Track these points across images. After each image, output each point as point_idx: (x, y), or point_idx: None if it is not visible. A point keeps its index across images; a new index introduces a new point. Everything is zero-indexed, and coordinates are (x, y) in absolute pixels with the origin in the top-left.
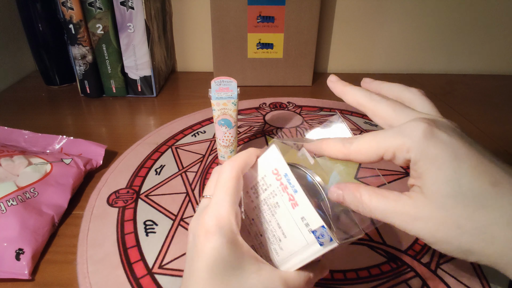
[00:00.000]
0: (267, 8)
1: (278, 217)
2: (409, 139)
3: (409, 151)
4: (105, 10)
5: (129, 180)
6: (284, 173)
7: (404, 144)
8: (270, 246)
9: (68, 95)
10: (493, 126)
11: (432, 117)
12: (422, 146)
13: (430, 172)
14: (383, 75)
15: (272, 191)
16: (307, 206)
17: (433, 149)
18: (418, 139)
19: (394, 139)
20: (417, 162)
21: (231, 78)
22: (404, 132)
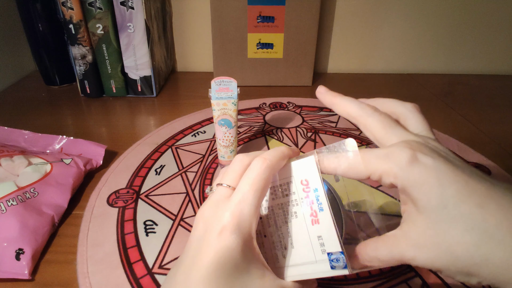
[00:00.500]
0: (267, 8)
1: (291, 227)
2: (395, 166)
3: (396, 177)
4: (105, 10)
5: (129, 180)
6: (315, 187)
7: (390, 170)
8: (272, 250)
9: (68, 95)
10: (493, 126)
11: (420, 139)
12: (407, 173)
13: (416, 199)
14: (383, 75)
15: (294, 200)
16: (330, 229)
17: (418, 176)
18: (403, 166)
19: (381, 163)
20: (404, 189)
21: (231, 78)
22: (391, 157)
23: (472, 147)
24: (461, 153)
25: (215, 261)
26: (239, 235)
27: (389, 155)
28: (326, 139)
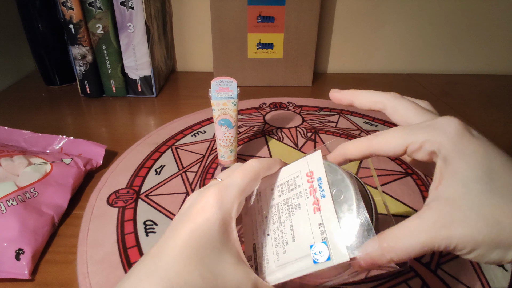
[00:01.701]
0: (267, 8)
1: (294, 219)
2: (442, 134)
3: (441, 145)
4: (105, 10)
5: (129, 180)
6: (318, 176)
7: (435, 138)
8: (273, 247)
9: (68, 95)
10: (493, 126)
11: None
12: (457, 142)
13: (461, 169)
14: (383, 75)
15: (299, 192)
16: (331, 214)
17: (466, 146)
18: (452, 135)
19: (424, 132)
20: (447, 159)
21: (231, 78)
22: (436, 126)
23: None
24: None
25: (192, 231)
26: (219, 210)
27: (434, 125)
28: (326, 139)
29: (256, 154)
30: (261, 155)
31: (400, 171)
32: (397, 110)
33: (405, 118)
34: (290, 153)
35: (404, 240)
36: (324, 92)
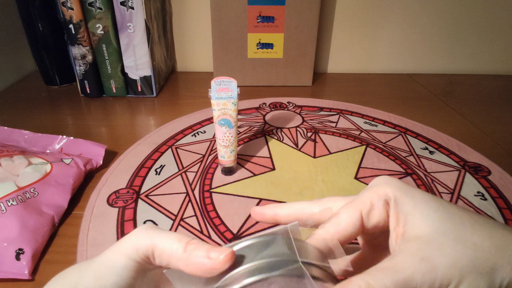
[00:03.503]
0: (267, 8)
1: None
2: (386, 186)
3: (389, 194)
4: (105, 10)
5: (129, 180)
6: None
7: (381, 191)
8: None
9: (68, 95)
10: (493, 126)
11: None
12: (402, 187)
13: (419, 207)
14: (383, 75)
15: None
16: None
17: (411, 189)
18: (395, 183)
19: (367, 193)
20: (400, 203)
21: (231, 78)
22: (375, 184)
23: (472, 147)
24: (461, 153)
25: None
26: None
27: (373, 185)
28: (326, 139)
29: (256, 154)
30: (261, 155)
31: (400, 171)
32: (326, 210)
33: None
34: (290, 153)
35: (379, 279)
36: (324, 92)
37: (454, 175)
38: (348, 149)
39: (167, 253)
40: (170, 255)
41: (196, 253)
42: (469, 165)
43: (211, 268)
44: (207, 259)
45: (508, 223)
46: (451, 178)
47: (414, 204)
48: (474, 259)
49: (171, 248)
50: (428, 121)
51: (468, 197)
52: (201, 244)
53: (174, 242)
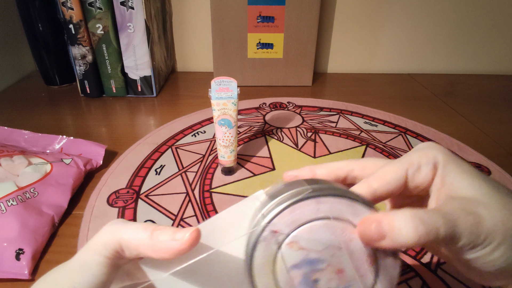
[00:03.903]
0: (267, 8)
1: None
2: (434, 149)
3: (437, 157)
4: (105, 10)
5: (129, 180)
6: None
7: (430, 154)
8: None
9: (68, 95)
10: (493, 126)
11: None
12: (449, 153)
13: (466, 172)
14: (383, 75)
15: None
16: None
17: (458, 158)
18: (441, 149)
19: (416, 154)
20: (448, 165)
21: (231, 78)
22: (422, 148)
23: (472, 147)
24: (461, 153)
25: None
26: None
27: (420, 148)
28: (326, 139)
29: (256, 154)
30: (261, 155)
31: None
32: (366, 167)
33: (378, 168)
34: (290, 153)
35: (431, 216)
36: (324, 92)
37: None
38: (348, 149)
39: (134, 244)
40: (137, 245)
41: (161, 238)
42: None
43: (179, 250)
44: (173, 241)
45: None
46: None
47: (462, 170)
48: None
49: (137, 238)
50: (428, 121)
51: None
52: (167, 228)
53: (139, 231)
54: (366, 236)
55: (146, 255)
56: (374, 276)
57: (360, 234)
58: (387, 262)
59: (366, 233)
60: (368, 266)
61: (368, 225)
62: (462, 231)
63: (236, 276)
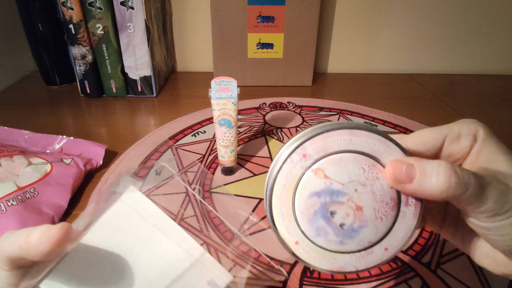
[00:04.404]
0: (267, 8)
1: None
2: (475, 123)
3: (478, 130)
4: (105, 10)
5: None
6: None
7: (471, 125)
8: None
9: (68, 95)
10: (493, 126)
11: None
12: (490, 130)
13: (503, 151)
14: (383, 75)
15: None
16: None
17: (497, 138)
18: (482, 125)
19: (457, 124)
20: (486, 141)
21: (231, 78)
22: (463, 121)
23: None
24: None
25: None
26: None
27: (461, 121)
28: None
29: (256, 154)
30: (261, 155)
31: None
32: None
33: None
34: None
35: (465, 171)
36: (324, 92)
37: None
38: None
39: (17, 253)
40: (19, 254)
41: (32, 242)
42: None
43: (46, 252)
44: (40, 243)
45: None
46: None
47: (499, 147)
48: None
49: (16, 247)
50: (428, 121)
51: None
52: (37, 230)
53: (18, 239)
54: (394, 175)
55: (33, 259)
56: (392, 222)
57: (388, 173)
58: (408, 211)
59: (395, 172)
60: (389, 209)
61: (399, 165)
62: (489, 195)
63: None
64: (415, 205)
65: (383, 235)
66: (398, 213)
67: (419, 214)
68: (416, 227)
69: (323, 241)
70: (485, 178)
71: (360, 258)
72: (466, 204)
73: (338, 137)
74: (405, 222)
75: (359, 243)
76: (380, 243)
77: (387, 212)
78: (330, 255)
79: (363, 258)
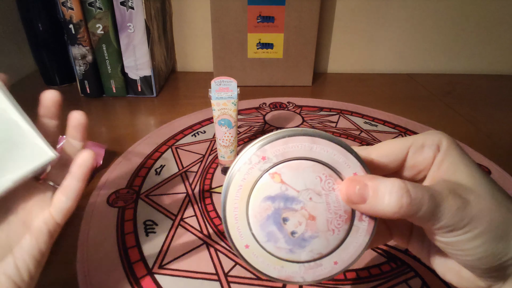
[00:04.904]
0: (267, 8)
1: None
2: (440, 135)
3: (441, 141)
4: (105, 10)
5: (129, 180)
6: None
7: (436, 136)
8: None
9: (68, 95)
10: (493, 126)
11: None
12: (455, 142)
13: (466, 161)
14: (383, 75)
15: None
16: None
17: (462, 149)
18: (447, 136)
19: (422, 135)
20: (449, 152)
21: (231, 78)
22: (430, 132)
23: (472, 147)
24: None
25: None
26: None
27: (427, 132)
28: None
29: None
30: None
31: None
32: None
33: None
34: None
35: (417, 189)
36: (324, 92)
37: None
38: None
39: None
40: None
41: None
42: None
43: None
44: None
45: None
46: None
47: (461, 159)
48: (505, 219)
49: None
50: (428, 121)
51: None
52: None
53: None
54: (347, 196)
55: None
56: (344, 236)
57: (342, 192)
58: (361, 226)
59: (348, 192)
60: (341, 222)
61: (353, 185)
62: (445, 211)
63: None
64: (368, 221)
65: (334, 248)
66: (351, 227)
67: (372, 231)
68: (368, 243)
69: (273, 247)
70: (441, 193)
71: (308, 269)
72: (422, 222)
73: (299, 143)
74: (357, 237)
75: (309, 254)
76: (330, 256)
77: (339, 225)
78: (278, 262)
79: (312, 270)
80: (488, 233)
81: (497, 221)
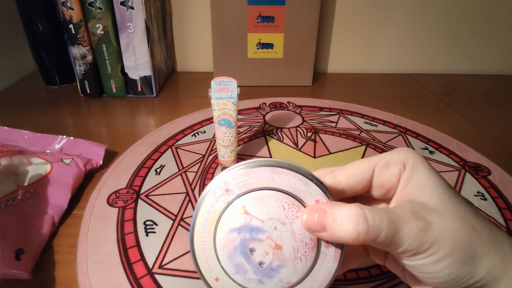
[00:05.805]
0: (267, 8)
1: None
2: (406, 152)
3: (407, 158)
4: (105, 10)
5: (129, 180)
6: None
7: (401, 154)
8: None
9: (68, 95)
10: (493, 126)
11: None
12: (419, 158)
13: (432, 178)
14: (383, 75)
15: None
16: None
17: (429, 165)
18: (413, 152)
19: (388, 154)
20: (415, 168)
21: (231, 78)
22: (396, 150)
23: (472, 147)
24: (461, 153)
25: None
26: None
27: (394, 151)
28: (326, 139)
29: (256, 154)
30: (261, 155)
31: None
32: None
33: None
34: (290, 153)
35: (375, 214)
36: (324, 92)
37: (454, 175)
38: (348, 149)
39: None
40: None
41: None
42: (469, 165)
43: None
44: None
45: (508, 223)
46: (451, 178)
47: (428, 176)
48: (470, 240)
49: None
50: (428, 121)
51: (468, 197)
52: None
53: None
54: (307, 225)
55: None
56: (312, 263)
57: (302, 221)
58: (328, 253)
59: (307, 221)
60: (308, 250)
61: (312, 213)
62: (405, 237)
63: None
64: (335, 248)
65: (303, 276)
66: (318, 254)
67: (339, 257)
68: (337, 269)
69: (242, 279)
70: (403, 217)
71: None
72: (384, 246)
73: (260, 173)
74: (325, 263)
75: (279, 283)
76: (300, 284)
77: (306, 253)
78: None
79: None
80: (451, 256)
81: (460, 243)
